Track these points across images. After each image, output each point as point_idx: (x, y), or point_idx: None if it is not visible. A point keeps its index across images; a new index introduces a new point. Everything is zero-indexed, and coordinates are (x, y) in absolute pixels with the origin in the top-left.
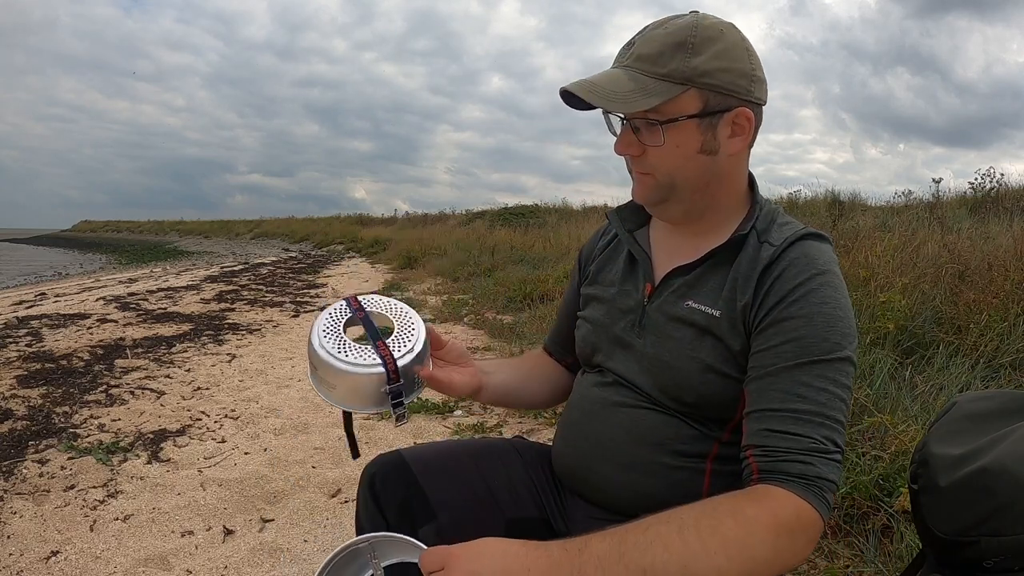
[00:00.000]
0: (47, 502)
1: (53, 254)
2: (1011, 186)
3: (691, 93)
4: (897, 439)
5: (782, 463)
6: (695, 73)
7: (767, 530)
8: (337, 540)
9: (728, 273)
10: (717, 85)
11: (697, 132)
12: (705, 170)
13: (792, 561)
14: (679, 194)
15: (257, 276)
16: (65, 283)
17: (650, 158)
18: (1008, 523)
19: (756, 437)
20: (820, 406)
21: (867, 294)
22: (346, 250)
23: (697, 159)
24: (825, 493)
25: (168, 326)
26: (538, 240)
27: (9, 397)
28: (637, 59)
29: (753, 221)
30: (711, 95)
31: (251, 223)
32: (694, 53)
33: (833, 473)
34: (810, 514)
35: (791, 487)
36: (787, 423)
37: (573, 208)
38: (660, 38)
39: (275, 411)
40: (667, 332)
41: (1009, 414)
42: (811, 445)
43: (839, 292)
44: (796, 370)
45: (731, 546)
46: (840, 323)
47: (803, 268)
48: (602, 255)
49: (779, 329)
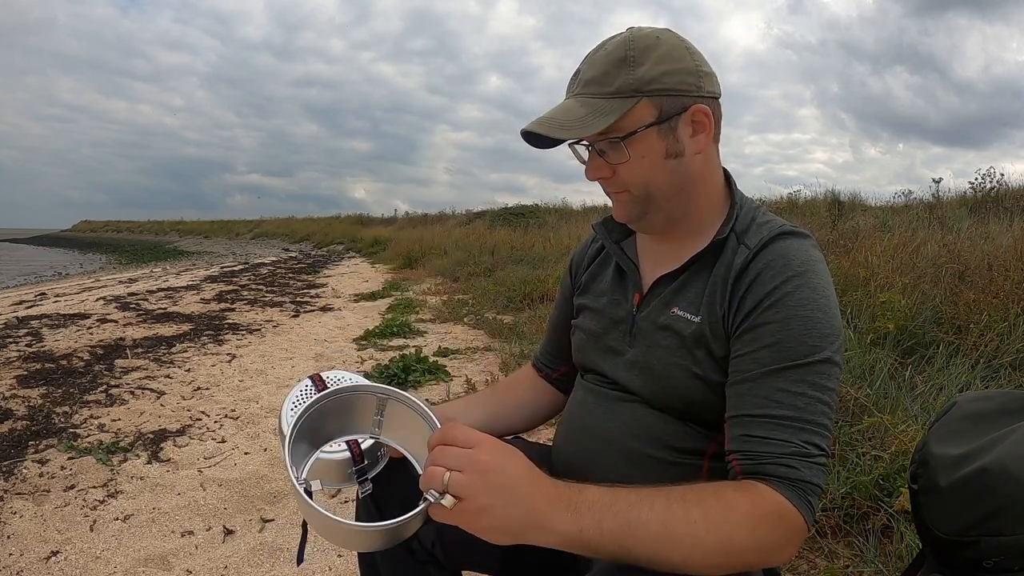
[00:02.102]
0: (47, 502)
1: (53, 254)
2: (1011, 186)
3: (643, 103)
4: (897, 439)
5: (764, 466)
6: (641, 83)
7: (746, 517)
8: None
9: (709, 278)
10: (666, 89)
11: (658, 139)
12: (675, 174)
13: (771, 556)
14: (656, 203)
15: (257, 276)
16: (65, 283)
17: (621, 176)
18: (1008, 523)
19: (737, 443)
20: (798, 411)
21: (867, 294)
22: (346, 250)
23: (665, 165)
24: (809, 496)
25: (168, 326)
26: (538, 240)
27: (9, 397)
28: (585, 84)
29: (732, 223)
30: (664, 100)
31: (251, 223)
32: (636, 64)
33: (816, 477)
34: (792, 513)
35: (774, 484)
36: (766, 428)
37: (573, 208)
38: (602, 59)
39: (275, 411)
40: (655, 341)
41: (1009, 414)
42: (792, 450)
43: (817, 292)
44: (773, 376)
45: (711, 521)
46: (818, 325)
47: (778, 271)
48: (592, 265)
49: (756, 335)
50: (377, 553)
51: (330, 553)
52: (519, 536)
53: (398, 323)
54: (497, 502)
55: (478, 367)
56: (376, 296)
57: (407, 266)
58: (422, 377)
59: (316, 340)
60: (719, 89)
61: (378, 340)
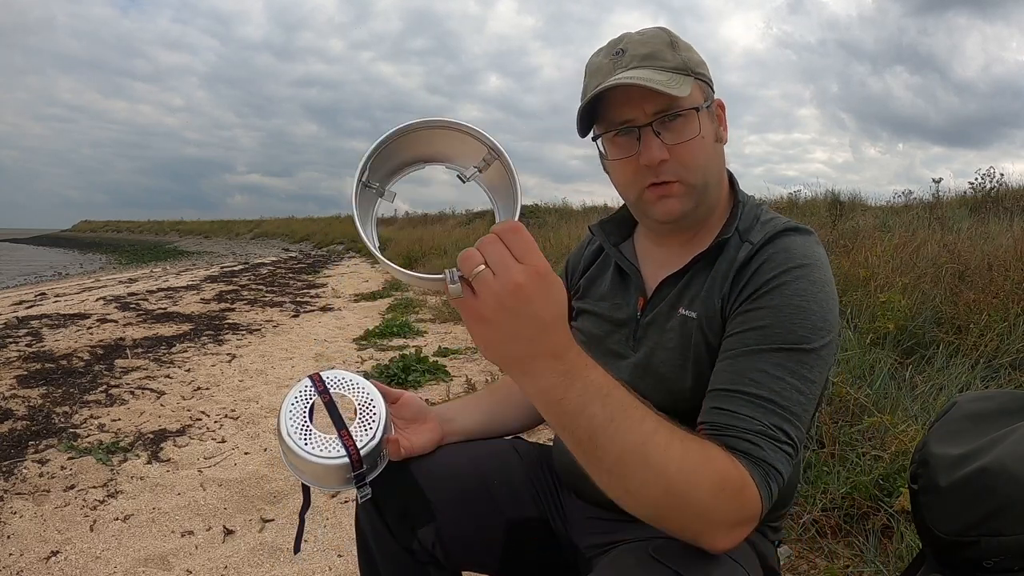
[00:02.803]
0: (47, 502)
1: (53, 254)
2: (1011, 186)
3: (696, 84)
4: (897, 439)
5: (729, 438)
6: (691, 65)
7: (717, 474)
8: (337, 540)
9: (710, 274)
10: (704, 75)
11: (709, 121)
12: (722, 160)
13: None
14: (708, 192)
15: (257, 276)
16: (65, 283)
17: (681, 158)
18: (1008, 523)
19: (707, 414)
20: (774, 393)
21: (867, 294)
22: (346, 250)
23: (717, 148)
24: (769, 479)
25: (168, 326)
26: (538, 240)
27: (9, 397)
28: (643, 59)
29: (736, 222)
30: (704, 86)
31: (251, 223)
32: (681, 49)
33: (780, 462)
34: (751, 491)
35: (741, 460)
36: (738, 403)
37: (573, 208)
38: (649, 41)
39: (275, 411)
40: (661, 343)
41: (1009, 414)
42: (758, 427)
43: (815, 285)
44: (755, 355)
45: (687, 462)
46: (811, 316)
47: (780, 262)
48: (591, 268)
49: (747, 317)
50: (377, 553)
51: (330, 553)
52: (503, 364)
53: (398, 323)
54: (503, 324)
55: (478, 367)
56: (376, 296)
57: (407, 266)
58: (422, 377)
59: (316, 340)
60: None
61: (378, 340)
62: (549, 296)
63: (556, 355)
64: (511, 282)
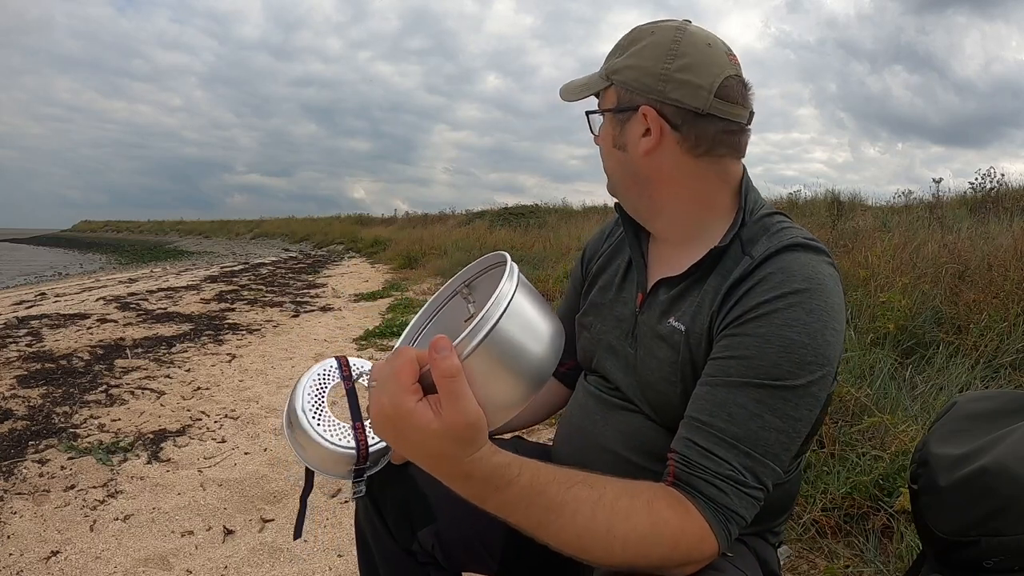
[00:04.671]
0: (47, 502)
1: (53, 254)
2: (1011, 186)
3: (612, 89)
4: (897, 439)
5: (697, 479)
6: (611, 70)
7: (671, 538)
8: (337, 540)
9: (702, 288)
10: (624, 82)
11: (611, 126)
12: (623, 165)
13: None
14: (616, 188)
15: (257, 276)
16: (65, 283)
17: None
18: (1008, 523)
19: (680, 444)
20: (750, 433)
21: (867, 294)
22: (346, 250)
23: (614, 154)
24: (730, 525)
25: (168, 326)
26: (538, 240)
27: (9, 397)
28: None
29: (736, 231)
30: (621, 91)
31: (251, 223)
32: (619, 53)
33: (744, 508)
34: (711, 544)
35: (703, 509)
36: (711, 441)
37: (573, 208)
38: (623, 41)
39: (275, 411)
40: (651, 351)
41: (1009, 414)
42: (728, 472)
43: (813, 315)
44: (735, 388)
45: (632, 537)
46: (800, 350)
47: (776, 284)
48: (605, 254)
49: (731, 343)
50: (377, 554)
51: (330, 553)
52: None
53: (398, 323)
54: (395, 443)
55: None
56: (376, 296)
57: (407, 266)
58: None
59: (316, 340)
60: (701, 103)
61: (378, 340)
62: (421, 416)
63: (464, 476)
64: (379, 403)
